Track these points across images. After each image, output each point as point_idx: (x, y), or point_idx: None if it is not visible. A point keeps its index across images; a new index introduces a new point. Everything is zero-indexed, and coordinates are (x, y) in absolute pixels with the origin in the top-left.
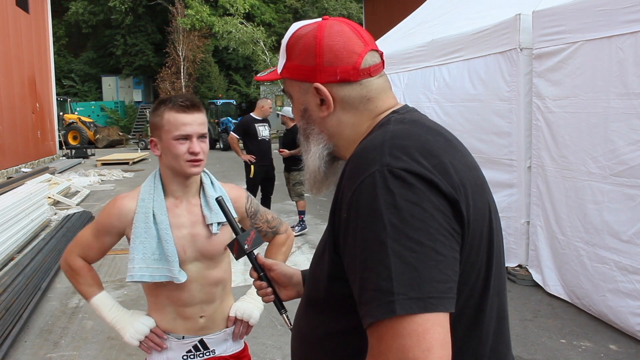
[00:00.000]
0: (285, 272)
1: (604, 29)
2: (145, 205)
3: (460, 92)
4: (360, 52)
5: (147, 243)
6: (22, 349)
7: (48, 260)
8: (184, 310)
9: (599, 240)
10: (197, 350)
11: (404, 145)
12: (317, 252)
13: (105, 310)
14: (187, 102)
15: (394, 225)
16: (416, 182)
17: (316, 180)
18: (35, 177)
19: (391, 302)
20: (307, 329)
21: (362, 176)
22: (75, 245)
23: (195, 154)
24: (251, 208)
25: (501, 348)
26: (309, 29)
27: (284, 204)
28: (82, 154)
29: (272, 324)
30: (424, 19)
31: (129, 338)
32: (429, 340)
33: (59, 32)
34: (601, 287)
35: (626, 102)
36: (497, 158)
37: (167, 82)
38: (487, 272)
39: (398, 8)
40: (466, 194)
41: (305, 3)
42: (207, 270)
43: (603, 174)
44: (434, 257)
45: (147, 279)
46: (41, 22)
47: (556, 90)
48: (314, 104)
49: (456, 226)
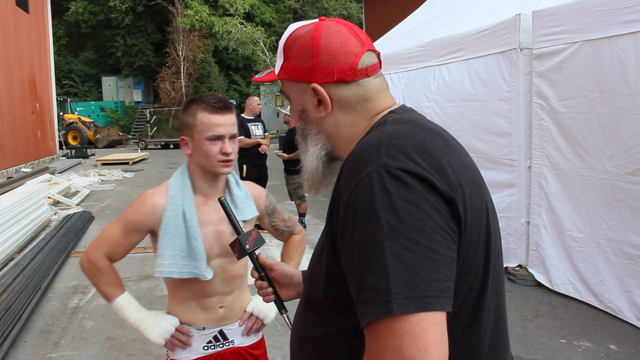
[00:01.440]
0: (286, 273)
1: (604, 29)
2: (176, 203)
3: (460, 92)
4: (357, 53)
5: (176, 240)
6: (22, 349)
7: (48, 260)
8: (205, 301)
9: (623, 237)
10: (217, 340)
11: (400, 145)
12: (316, 253)
13: (130, 311)
14: (220, 104)
15: (391, 225)
16: (413, 182)
17: (314, 180)
18: (35, 177)
19: (388, 301)
20: (305, 329)
21: (359, 176)
22: (101, 243)
23: (227, 154)
24: (270, 206)
25: (499, 347)
26: (306, 29)
27: (284, 204)
28: (82, 154)
29: (272, 324)
30: (424, 19)
31: (156, 337)
32: (425, 340)
33: (59, 32)
34: (628, 283)
35: (630, 102)
36: (497, 158)
37: (167, 82)
38: (485, 272)
39: (398, 8)
40: (463, 193)
41: (305, 3)
42: (229, 265)
43: (619, 172)
44: (431, 256)
45: (176, 275)
46: (41, 22)
47: (560, 91)
48: (312, 105)
49: (453, 225)
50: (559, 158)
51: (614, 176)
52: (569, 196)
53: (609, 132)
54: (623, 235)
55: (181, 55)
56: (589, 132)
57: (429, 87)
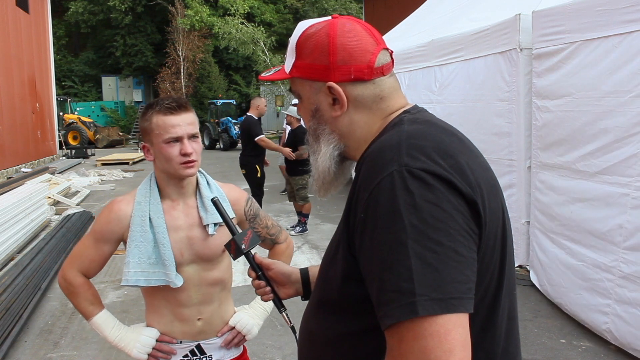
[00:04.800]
0: (283, 271)
1: (603, 29)
2: (142, 209)
3: (460, 92)
4: (374, 51)
5: (142, 247)
6: (22, 349)
7: (48, 260)
8: (181, 311)
9: (581, 238)
10: (194, 355)
11: (421, 146)
12: (329, 253)
13: (108, 329)
14: (173, 104)
15: (414, 226)
16: (435, 183)
17: (325, 181)
18: (35, 177)
19: (412, 303)
20: (318, 329)
21: (379, 176)
22: (74, 260)
23: (187, 154)
24: (250, 211)
25: (512, 349)
26: (319, 27)
27: (284, 204)
28: (82, 154)
29: (272, 324)
30: (424, 19)
31: (136, 354)
32: (450, 342)
33: (59, 32)
34: (578, 285)
35: (614, 100)
36: (497, 158)
37: (167, 82)
38: (501, 273)
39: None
40: (482, 194)
41: (305, 3)
42: (204, 271)
43: (589, 172)
44: (455, 257)
45: (143, 283)
46: (41, 22)
47: (554, 90)
48: (326, 104)
49: (474, 227)
50: (543, 158)
51: (585, 176)
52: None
53: (587, 131)
54: (581, 237)
55: (181, 55)
56: (570, 131)
57: (430, 87)
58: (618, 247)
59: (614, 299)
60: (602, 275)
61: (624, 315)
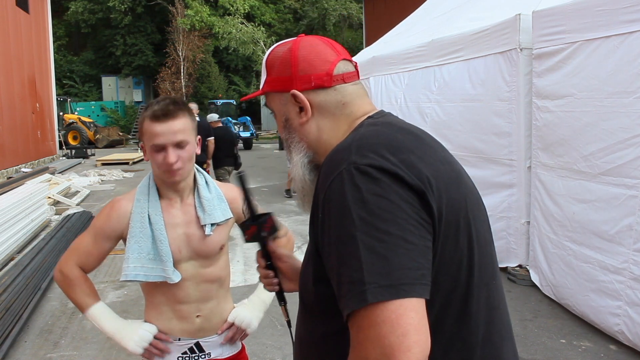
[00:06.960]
0: (295, 268)
1: (603, 29)
2: (141, 206)
3: (460, 92)
4: (333, 60)
5: (142, 243)
6: (22, 349)
7: (48, 260)
8: (180, 308)
9: (585, 239)
10: (193, 352)
11: (371, 144)
12: (305, 257)
13: (104, 320)
14: (159, 111)
15: (362, 219)
16: (381, 176)
17: (304, 191)
18: (35, 177)
19: (363, 291)
20: (304, 333)
21: (332, 176)
22: (72, 254)
23: (169, 165)
24: None
25: (495, 338)
26: (285, 46)
27: (284, 204)
28: (82, 154)
29: (272, 324)
30: (424, 19)
31: (133, 346)
32: (403, 326)
33: (59, 32)
34: (585, 287)
35: (617, 100)
36: (497, 158)
37: (167, 82)
38: (470, 263)
39: (398, 8)
40: (437, 186)
41: (305, 3)
42: (202, 268)
43: (592, 172)
44: (404, 245)
45: (142, 278)
46: (41, 22)
47: (555, 90)
48: (294, 112)
49: (425, 216)
50: (544, 158)
51: (587, 176)
52: (548, 197)
53: (589, 131)
54: (585, 238)
55: (181, 55)
56: (571, 131)
57: (429, 87)
58: (628, 249)
59: (625, 301)
60: (611, 277)
61: (636, 317)
